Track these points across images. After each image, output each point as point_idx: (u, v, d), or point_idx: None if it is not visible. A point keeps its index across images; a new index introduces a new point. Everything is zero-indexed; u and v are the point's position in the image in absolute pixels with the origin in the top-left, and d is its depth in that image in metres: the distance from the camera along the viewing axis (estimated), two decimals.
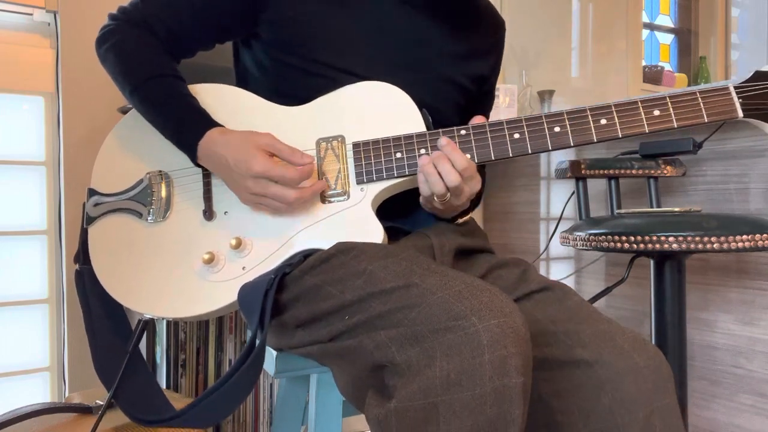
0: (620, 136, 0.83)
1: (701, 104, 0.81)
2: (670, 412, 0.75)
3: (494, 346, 0.63)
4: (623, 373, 0.75)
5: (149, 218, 0.92)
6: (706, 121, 0.81)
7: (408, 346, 0.67)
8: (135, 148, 0.96)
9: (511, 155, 0.85)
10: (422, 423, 0.64)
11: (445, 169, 0.83)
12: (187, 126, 0.88)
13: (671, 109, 0.82)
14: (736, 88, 0.81)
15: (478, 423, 0.63)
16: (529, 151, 0.85)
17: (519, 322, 0.66)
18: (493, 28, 1.07)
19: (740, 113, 0.80)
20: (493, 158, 0.86)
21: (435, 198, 0.86)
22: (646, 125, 0.82)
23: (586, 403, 0.75)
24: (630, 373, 0.75)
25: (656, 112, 0.82)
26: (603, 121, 0.83)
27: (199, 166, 0.91)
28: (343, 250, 0.81)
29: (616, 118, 0.83)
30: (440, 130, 0.87)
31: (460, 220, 0.99)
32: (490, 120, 0.88)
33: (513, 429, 0.64)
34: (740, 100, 0.81)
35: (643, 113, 0.83)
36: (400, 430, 0.65)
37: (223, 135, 0.87)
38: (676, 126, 0.82)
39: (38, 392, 1.54)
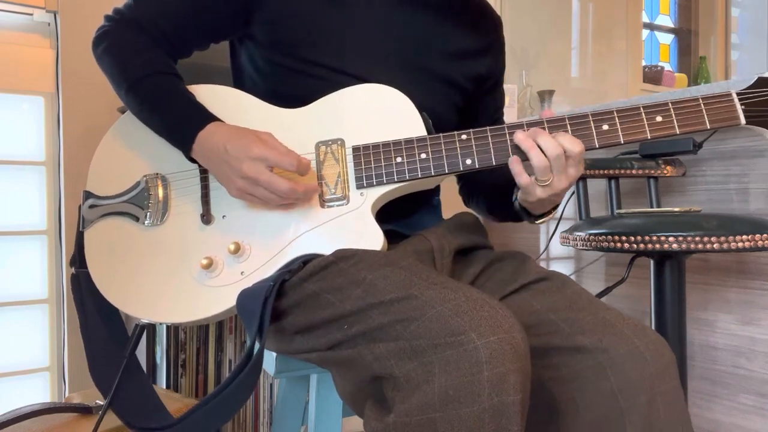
0: (622, 142, 0.82)
1: (704, 111, 0.81)
2: (673, 396, 0.75)
3: (493, 362, 0.63)
4: (624, 358, 0.74)
5: (146, 222, 0.91)
6: (708, 127, 0.80)
7: (407, 359, 0.67)
8: (131, 151, 0.95)
9: None
10: None
11: (545, 141, 0.81)
12: (187, 118, 0.88)
13: (674, 115, 0.82)
14: (738, 94, 0.81)
15: None
16: None
17: (518, 338, 0.66)
18: (491, 26, 1.07)
19: (743, 120, 0.80)
20: (494, 163, 0.85)
21: (537, 181, 0.83)
22: (648, 132, 0.82)
23: (588, 389, 0.75)
24: (631, 357, 0.74)
25: (658, 119, 0.82)
26: (605, 127, 0.83)
27: (191, 160, 0.90)
28: (343, 257, 0.80)
29: (618, 123, 0.83)
30: (440, 134, 0.86)
31: (542, 220, 0.97)
32: (491, 126, 0.87)
33: None
34: (742, 107, 0.80)
35: (645, 119, 0.82)
36: None
37: (222, 126, 0.87)
38: (678, 132, 0.81)
39: (38, 392, 1.54)
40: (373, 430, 0.68)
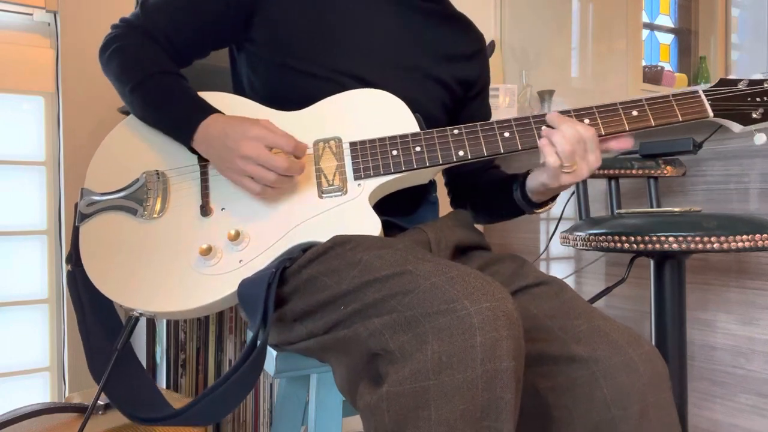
0: (603, 133, 0.90)
1: (675, 107, 0.90)
2: (665, 407, 0.76)
3: (486, 328, 0.64)
4: (618, 368, 0.75)
5: (144, 214, 0.92)
6: (681, 120, 0.90)
7: (401, 331, 0.67)
8: (131, 151, 0.96)
9: (502, 152, 0.90)
10: (414, 408, 0.64)
11: (565, 127, 0.86)
12: (189, 110, 0.90)
13: (648, 110, 0.90)
14: (705, 92, 0.91)
15: (469, 407, 0.62)
16: (519, 148, 0.90)
17: (511, 307, 0.67)
18: (476, 37, 1.12)
19: (711, 113, 0.90)
20: (485, 154, 0.90)
21: (563, 168, 0.87)
22: (626, 124, 0.90)
23: (581, 398, 0.76)
24: (625, 368, 0.75)
25: (634, 113, 0.90)
26: (586, 121, 0.90)
27: (192, 151, 0.91)
28: (340, 242, 0.81)
29: (598, 118, 0.91)
30: (434, 130, 0.90)
31: (543, 209, 1.01)
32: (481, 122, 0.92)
33: (505, 413, 0.63)
34: (710, 102, 0.90)
35: (622, 114, 0.91)
36: (392, 415, 0.64)
37: (224, 116, 0.89)
38: (653, 124, 0.90)
39: (38, 392, 1.54)
40: (366, 404, 0.67)
